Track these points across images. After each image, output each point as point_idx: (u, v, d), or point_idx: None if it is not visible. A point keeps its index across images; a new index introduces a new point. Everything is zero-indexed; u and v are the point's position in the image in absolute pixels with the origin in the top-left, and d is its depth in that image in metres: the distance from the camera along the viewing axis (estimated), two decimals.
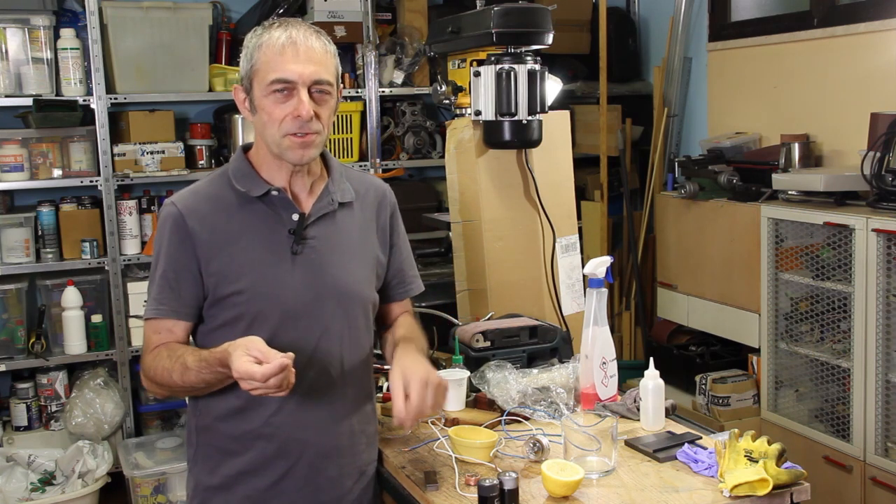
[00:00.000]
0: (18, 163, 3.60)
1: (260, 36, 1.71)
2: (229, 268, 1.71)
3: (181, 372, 1.65)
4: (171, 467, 3.42)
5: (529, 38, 2.53)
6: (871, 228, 2.86)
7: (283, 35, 1.68)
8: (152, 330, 1.74)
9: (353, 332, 1.79)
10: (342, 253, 1.80)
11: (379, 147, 4.12)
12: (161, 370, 1.68)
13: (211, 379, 1.64)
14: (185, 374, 1.65)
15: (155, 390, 1.75)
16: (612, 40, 4.41)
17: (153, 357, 1.71)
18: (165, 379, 1.68)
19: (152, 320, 1.74)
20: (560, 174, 2.82)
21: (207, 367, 1.62)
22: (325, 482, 1.78)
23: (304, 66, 1.67)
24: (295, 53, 1.67)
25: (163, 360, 1.68)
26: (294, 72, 1.67)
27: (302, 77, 1.67)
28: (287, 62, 1.67)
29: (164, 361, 1.68)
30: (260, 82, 1.70)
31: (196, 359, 1.64)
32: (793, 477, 1.61)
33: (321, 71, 1.70)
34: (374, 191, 1.91)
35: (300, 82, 1.67)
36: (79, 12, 3.75)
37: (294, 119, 1.68)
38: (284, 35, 1.68)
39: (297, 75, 1.67)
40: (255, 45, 1.71)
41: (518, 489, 1.58)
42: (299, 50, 1.68)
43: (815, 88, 3.61)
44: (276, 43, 1.68)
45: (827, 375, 3.15)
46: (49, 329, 3.70)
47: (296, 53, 1.67)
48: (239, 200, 1.75)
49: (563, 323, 2.65)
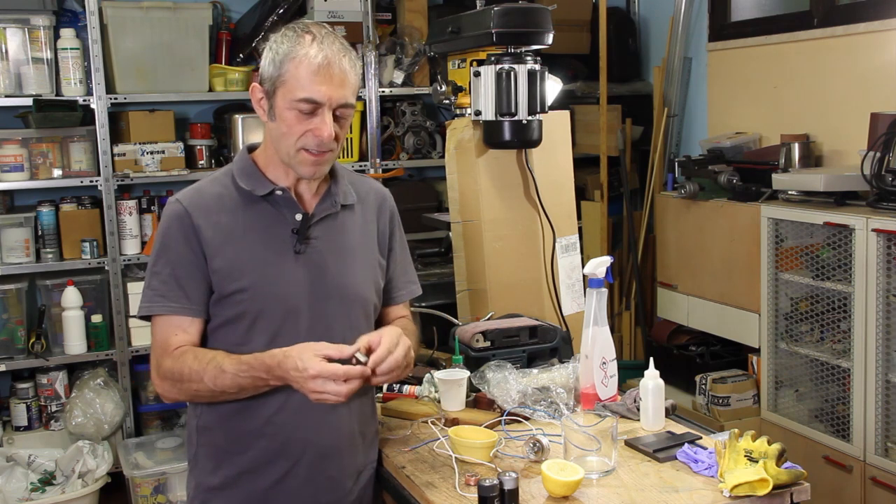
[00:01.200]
0: (18, 163, 3.60)
1: (293, 46, 1.68)
2: (232, 266, 1.71)
3: (214, 375, 1.64)
4: (171, 467, 3.42)
5: (529, 38, 2.53)
6: (871, 228, 2.86)
7: (320, 55, 1.67)
8: (167, 330, 1.72)
9: (354, 333, 1.78)
10: (344, 254, 1.80)
11: (379, 147, 4.12)
12: (189, 372, 1.66)
13: (248, 384, 1.65)
14: (219, 377, 1.64)
15: (172, 393, 1.72)
16: (612, 40, 4.42)
17: (174, 359, 1.69)
18: (193, 382, 1.66)
19: (163, 317, 1.72)
20: (560, 174, 2.82)
21: (249, 370, 1.63)
22: (326, 482, 1.78)
23: (335, 90, 1.68)
24: (329, 77, 1.67)
25: (189, 362, 1.67)
26: (325, 94, 1.67)
27: (331, 101, 1.68)
28: (320, 84, 1.66)
29: (190, 363, 1.66)
30: (286, 94, 1.68)
31: (234, 362, 1.64)
32: (793, 477, 1.61)
33: (348, 94, 1.71)
34: (375, 194, 1.93)
35: (328, 105, 1.68)
36: (79, 12, 3.75)
37: (314, 137, 1.68)
38: (321, 56, 1.67)
39: (326, 98, 1.67)
40: (287, 55, 1.68)
41: (518, 489, 1.58)
42: (333, 74, 1.67)
43: (815, 88, 3.61)
44: (312, 62, 1.66)
45: (827, 375, 3.15)
46: (49, 329, 3.70)
47: (329, 77, 1.67)
48: (243, 199, 1.76)
49: (563, 323, 2.65)
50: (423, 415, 2.04)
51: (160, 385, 1.73)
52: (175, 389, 1.71)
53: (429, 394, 2.15)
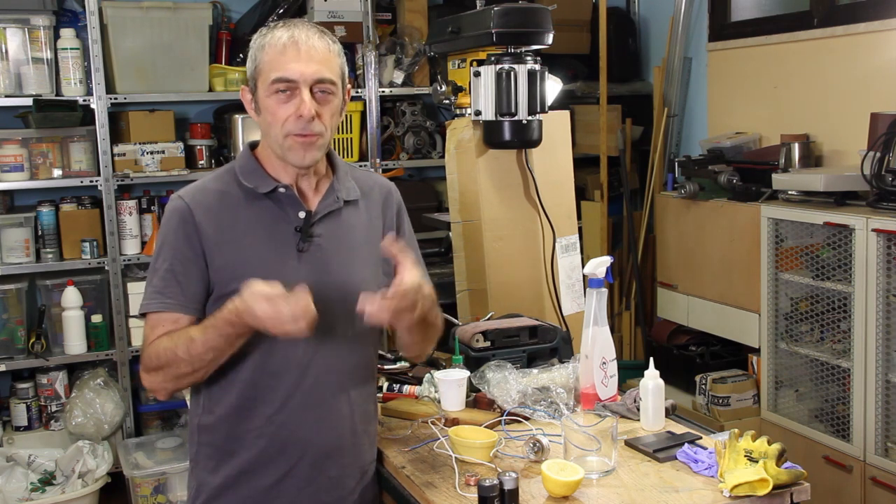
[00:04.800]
0: (18, 163, 3.60)
1: (264, 36, 1.72)
2: (235, 264, 1.71)
3: (186, 345, 1.63)
4: (171, 467, 3.42)
5: (529, 38, 2.53)
6: (871, 228, 2.86)
7: (286, 35, 1.69)
8: (154, 325, 1.71)
9: (357, 331, 1.79)
10: (348, 251, 1.80)
11: (379, 147, 4.12)
12: (163, 352, 1.66)
13: (220, 343, 1.62)
14: (190, 346, 1.63)
15: (156, 383, 1.70)
16: (612, 40, 4.41)
17: (153, 348, 1.68)
18: (169, 360, 1.65)
19: (155, 314, 1.71)
20: (560, 174, 2.82)
21: (215, 330, 1.61)
22: (327, 482, 1.78)
23: (305, 64, 1.67)
24: (296, 52, 1.67)
25: (163, 343, 1.67)
26: (295, 70, 1.67)
27: (304, 76, 1.67)
28: (289, 61, 1.67)
29: (164, 343, 1.66)
30: (263, 82, 1.70)
31: (201, 327, 1.64)
32: (793, 477, 1.61)
33: (323, 70, 1.70)
34: (380, 189, 1.92)
35: (302, 81, 1.68)
36: (79, 12, 3.75)
37: (296, 119, 1.68)
38: (287, 34, 1.69)
39: (298, 74, 1.67)
40: (259, 46, 1.72)
41: (518, 489, 1.58)
42: (301, 49, 1.68)
43: (815, 88, 3.61)
44: (278, 42, 1.69)
45: (827, 375, 3.15)
46: (49, 329, 3.70)
47: (297, 52, 1.67)
48: (246, 197, 1.75)
49: (563, 323, 2.65)
50: (423, 415, 2.04)
51: (147, 379, 1.71)
52: (160, 377, 1.69)
53: (429, 394, 2.15)
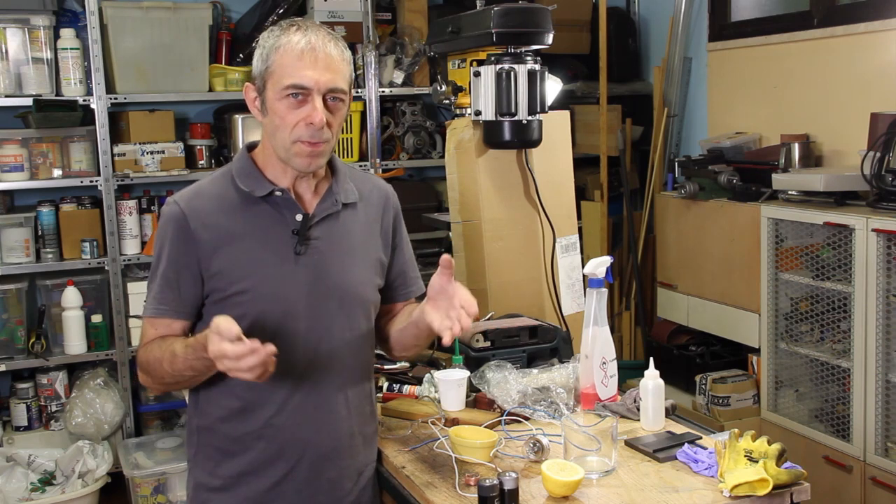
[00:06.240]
0: (18, 163, 3.60)
1: (278, 38, 1.69)
2: (232, 268, 1.71)
3: (170, 360, 1.65)
4: (171, 467, 3.42)
5: (529, 38, 2.53)
6: (871, 228, 2.86)
7: (303, 40, 1.67)
8: (150, 325, 1.74)
9: (354, 333, 1.79)
10: (345, 254, 1.79)
11: (379, 147, 4.12)
12: (152, 360, 1.69)
13: (198, 365, 1.62)
14: (173, 361, 1.65)
15: (148, 383, 1.75)
16: (612, 40, 4.41)
17: (146, 351, 1.71)
18: (156, 369, 1.68)
19: (152, 318, 1.74)
20: (560, 174, 2.82)
21: (193, 352, 1.61)
22: (325, 484, 1.78)
23: (321, 73, 1.66)
24: (313, 60, 1.66)
25: (154, 351, 1.69)
26: (311, 79, 1.66)
27: (318, 84, 1.67)
28: (305, 68, 1.66)
29: (154, 352, 1.69)
30: (274, 85, 1.68)
31: (183, 346, 1.64)
32: (793, 477, 1.61)
33: (337, 79, 1.69)
34: (378, 192, 1.91)
35: (316, 90, 1.67)
36: (79, 12, 3.75)
37: (307, 126, 1.67)
38: (304, 40, 1.66)
39: (313, 82, 1.66)
40: (273, 47, 1.69)
41: (518, 489, 1.58)
42: (318, 57, 1.66)
43: (815, 88, 3.61)
44: (294, 47, 1.66)
45: (827, 375, 3.15)
46: (49, 329, 3.70)
47: (314, 60, 1.66)
48: (242, 200, 1.75)
49: (563, 323, 2.65)
50: (423, 415, 2.03)
51: (140, 377, 1.76)
52: (150, 379, 1.73)
53: (429, 394, 2.15)
